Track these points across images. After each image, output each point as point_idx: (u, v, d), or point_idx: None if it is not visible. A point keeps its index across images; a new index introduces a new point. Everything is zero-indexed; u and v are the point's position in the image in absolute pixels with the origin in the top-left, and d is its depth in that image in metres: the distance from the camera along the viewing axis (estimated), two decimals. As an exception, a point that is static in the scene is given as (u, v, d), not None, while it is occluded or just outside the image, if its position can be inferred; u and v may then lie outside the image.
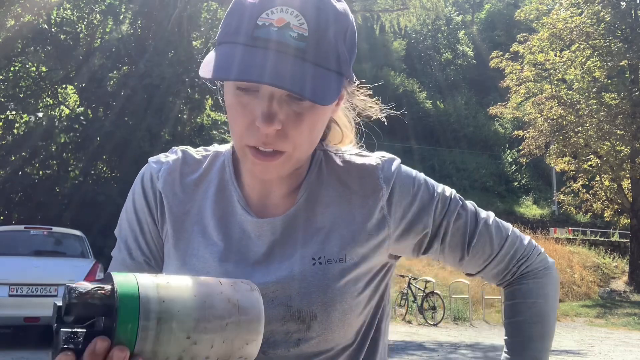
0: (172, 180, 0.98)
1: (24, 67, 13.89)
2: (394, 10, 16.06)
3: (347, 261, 0.91)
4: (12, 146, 13.35)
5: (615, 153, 20.03)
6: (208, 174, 0.98)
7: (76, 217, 12.19)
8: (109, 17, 14.35)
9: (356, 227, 0.93)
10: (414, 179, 0.98)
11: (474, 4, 52.37)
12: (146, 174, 1.00)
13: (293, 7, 0.81)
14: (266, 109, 0.81)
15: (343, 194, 0.95)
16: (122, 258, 0.99)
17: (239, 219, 0.94)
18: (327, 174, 0.96)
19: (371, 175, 0.95)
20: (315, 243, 0.91)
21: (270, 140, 0.83)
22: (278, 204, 0.94)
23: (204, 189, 0.97)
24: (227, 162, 0.98)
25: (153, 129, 12.61)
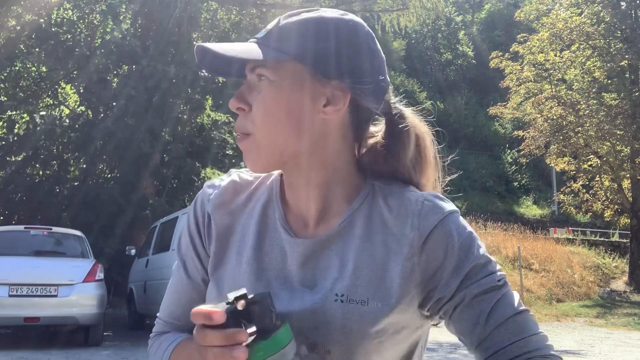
0: (221, 202, 1.00)
1: (25, 67, 13.90)
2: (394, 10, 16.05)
3: (369, 305, 0.88)
4: (12, 146, 13.36)
5: (615, 153, 20.03)
6: (256, 192, 1.01)
7: (76, 217, 12.20)
8: (109, 17, 14.35)
9: (385, 273, 0.89)
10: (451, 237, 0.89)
11: (474, 4, 52.37)
12: (199, 199, 1.03)
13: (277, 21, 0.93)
14: (239, 90, 0.92)
15: (380, 234, 0.92)
16: (179, 276, 1.03)
17: (277, 237, 0.95)
18: (371, 209, 0.94)
19: (408, 219, 0.91)
20: (342, 278, 0.90)
21: (239, 122, 0.91)
22: (317, 226, 0.95)
23: (250, 208, 0.99)
24: (275, 180, 1.00)
25: (154, 129, 12.61)
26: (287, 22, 0.91)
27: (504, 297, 0.90)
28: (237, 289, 0.83)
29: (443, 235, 0.89)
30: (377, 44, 0.98)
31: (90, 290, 7.94)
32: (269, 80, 0.89)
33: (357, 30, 0.93)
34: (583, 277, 19.19)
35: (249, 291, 0.82)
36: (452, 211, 0.91)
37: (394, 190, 0.95)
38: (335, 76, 0.89)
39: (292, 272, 0.93)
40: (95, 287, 8.04)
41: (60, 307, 7.70)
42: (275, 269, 0.94)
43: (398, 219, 0.92)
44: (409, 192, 0.94)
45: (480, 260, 0.90)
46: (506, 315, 0.89)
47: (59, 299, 7.71)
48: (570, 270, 19.19)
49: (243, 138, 0.91)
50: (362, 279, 0.89)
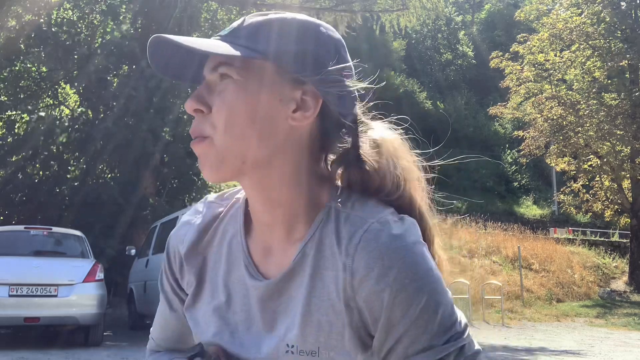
0: (193, 244, 0.96)
1: (25, 67, 13.90)
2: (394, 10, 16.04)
3: (320, 356, 0.82)
4: (12, 146, 13.36)
5: (615, 153, 20.02)
6: (222, 224, 0.96)
7: (76, 217, 12.19)
8: (109, 17, 14.35)
9: (336, 317, 0.81)
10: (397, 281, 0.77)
11: (474, 4, 52.37)
12: (172, 238, 1.01)
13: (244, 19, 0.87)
14: (194, 92, 0.85)
15: (331, 269, 0.82)
16: (162, 309, 1.04)
17: (241, 276, 0.90)
18: (321, 239, 0.84)
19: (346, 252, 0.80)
20: (293, 326, 0.83)
21: (196, 124, 0.84)
22: (277, 258, 0.88)
23: (217, 243, 0.95)
24: (239, 211, 0.94)
25: (154, 129, 12.61)
26: (256, 21, 0.84)
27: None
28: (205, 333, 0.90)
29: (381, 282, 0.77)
30: (347, 52, 0.90)
31: (90, 290, 7.94)
32: (233, 80, 0.82)
33: (330, 36, 0.87)
34: (583, 277, 19.19)
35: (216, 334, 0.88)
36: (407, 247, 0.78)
37: (353, 213, 0.83)
38: (308, 80, 0.82)
39: (255, 314, 0.88)
40: (95, 287, 8.04)
41: (60, 307, 7.70)
42: (241, 311, 0.90)
43: (342, 249, 0.81)
44: (358, 215, 0.82)
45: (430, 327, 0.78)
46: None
47: (59, 299, 7.71)
48: (570, 270, 19.19)
49: (200, 141, 0.83)
50: (312, 325, 0.82)
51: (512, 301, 15.67)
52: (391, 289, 0.76)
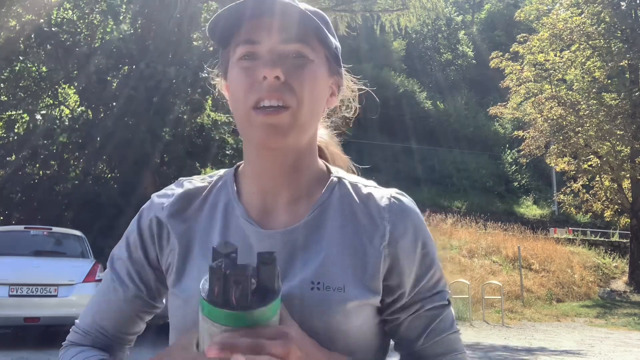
0: (176, 210, 0.99)
1: (25, 67, 13.89)
2: (394, 10, 16.04)
3: (346, 291, 0.89)
4: (12, 146, 13.35)
5: (615, 153, 20.03)
6: (210, 195, 1.00)
7: (76, 217, 12.18)
8: (109, 17, 14.34)
9: (359, 261, 0.92)
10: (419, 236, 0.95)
11: (474, 4, 52.38)
12: (144, 210, 1.03)
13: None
14: (269, 58, 0.88)
15: (351, 225, 0.94)
16: (112, 287, 1.02)
17: (242, 233, 0.94)
18: (339, 201, 0.96)
19: (380, 212, 0.94)
20: (318, 266, 0.90)
21: (274, 88, 0.87)
22: (282, 217, 0.95)
23: (208, 211, 0.98)
24: (229, 180, 1.00)
25: (154, 130, 12.61)
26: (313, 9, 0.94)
27: (447, 315, 0.97)
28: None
29: (415, 242, 0.94)
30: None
31: (90, 290, 7.93)
32: (309, 60, 0.90)
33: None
34: (583, 277, 19.19)
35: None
36: (420, 215, 0.97)
37: (359, 184, 0.99)
38: (339, 73, 0.98)
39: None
40: (95, 287, 8.01)
41: (60, 307, 7.69)
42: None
43: (368, 211, 0.95)
44: (374, 187, 0.99)
45: (437, 274, 0.96)
46: (443, 333, 0.96)
47: (59, 299, 7.70)
48: (570, 270, 19.19)
49: (281, 111, 0.87)
50: (337, 266, 0.90)
51: (512, 301, 15.67)
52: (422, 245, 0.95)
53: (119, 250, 1.03)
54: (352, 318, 0.89)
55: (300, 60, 0.89)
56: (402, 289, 0.94)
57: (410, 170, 34.94)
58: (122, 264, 1.01)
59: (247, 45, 0.90)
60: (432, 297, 0.95)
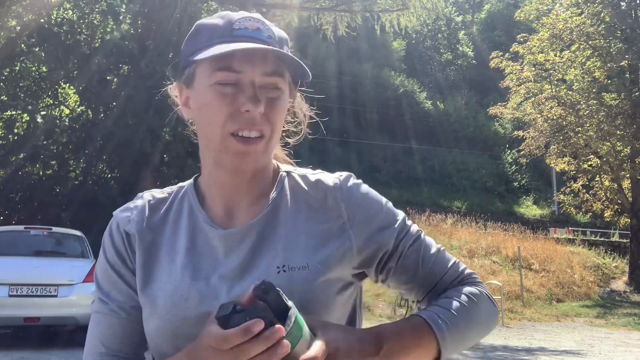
0: (142, 220, 1.03)
1: (25, 67, 13.89)
2: (394, 10, 16.03)
3: (310, 269, 0.96)
4: (12, 146, 13.36)
5: (615, 153, 20.02)
6: (173, 205, 1.05)
7: (76, 217, 12.19)
8: (109, 17, 14.35)
9: (318, 240, 0.98)
10: (374, 200, 1.05)
11: (474, 4, 52.38)
12: (113, 225, 1.06)
13: (258, 19, 0.98)
14: (252, 93, 0.93)
15: (305, 210, 1.01)
16: (107, 311, 1.01)
17: (205, 237, 1.00)
18: (291, 192, 1.03)
19: (331, 194, 1.02)
20: (280, 252, 0.97)
21: (256, 122, 0.93)
22: (243, 218, 1.01)
23: (171, 220, 1.04)
24: (190, 190, 1.06)
25: (154, 129, 12.61)
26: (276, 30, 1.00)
27: (426, 242, 1.07)
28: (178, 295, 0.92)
29: (369, 203, 1.04)
30: None
31: (90, 290, 7.89)
32: (281, 91, 0.97)
33: None
34: (583, 277, 19.19)
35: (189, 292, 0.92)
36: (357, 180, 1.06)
37: (307, 174, 1.07)
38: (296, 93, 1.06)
39: (229, 262, 0.97)
40: (95, 287, 8.02)
41: (60, 307, 7.69)
42: (211, 265, 0.97)
43: (319, 197, 1.02)
44: (320, 174, 1.07)
45: (400, 216, 1.06)
46: (432, 256, 1.06)
47: (59, 299, 7.70)
48: (570, 270, 19.19)
49: (257, 141, 0.94)
50: (298, 249, 0.97)
51: (512, 301, 15.67)
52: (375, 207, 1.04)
53: (103, 272, 1.04)
54: (320, 293, 0.95)
55: (275, 92, 0.96)
56: (383, 247, 1.02)
57: (410, 170, 34.93)
58: (112, 284, 1.02)
59: (229, 72, 0.93)
60: (407, 236, 1.04)
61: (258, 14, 1.00)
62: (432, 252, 1.06)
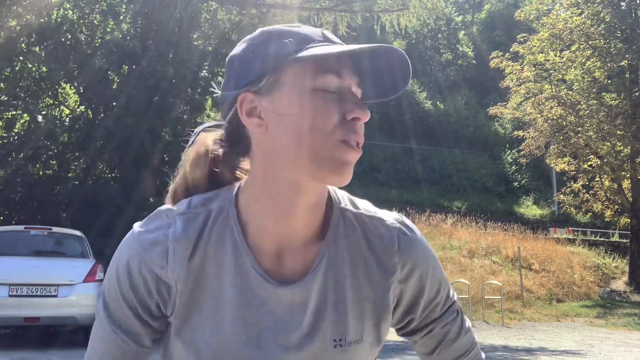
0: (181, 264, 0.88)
1: (25, 67, 13.89)
2: (394, 10, 16.02)
3: (364, 341, 0.93)
4: (12, 146, 13.35)
5: (615, 153, 20.02)
6: (211, 234, 0.90)
7: (76, 217, 12.18)
8: (109, 17, 14.34)
9: (373, 305, 0.94)
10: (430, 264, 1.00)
11: (474, 4, 52.37)
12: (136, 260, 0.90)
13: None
14: (359, 100, 0.88)
15: (361, 266, 0.93)
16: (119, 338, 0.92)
17: (255, 287, 0.89)
18: (346, 241, 0.93)
19: (390, 248, 0.95)
20: (335, 321, 0.90)
21: (361, 130, 0.88)
22: (294, 265, 0.91)
23: (213, 255, 0.90)
24: (233, 219, 0.90)
25: (154, 129, 12.61)
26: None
27: (457, 323, 1.05)
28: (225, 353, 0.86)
29: (424, 272, 0.98)
30: None
31: (90, 290, 7.93)
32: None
33: None
34: (583, 277, 19.19)
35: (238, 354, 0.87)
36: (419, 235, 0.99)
37: (362, 215, 0.96)
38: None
39: (283, 327, 0.89)
40: (95, 287, 8.02)
41: (60, 307, 7.69)
42: (263, 325, 0.89)
43: (376, 252, 0.94)
44: (378, 218, 0.97)
45: (443, 293, 1.02)
46: (462, 336, 1.05)
47: (59, 299, 7.70)
48: (570, 270, 19.19)
49: (360, 150, 0.88)
50: (354, 317, 0.91)
51: (512, 301, 15.66)
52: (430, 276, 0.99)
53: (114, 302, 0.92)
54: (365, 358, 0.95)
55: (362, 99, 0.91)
56: (411, 315, 1.00)
57: (410, 170, 34.92)
58: (122, 316, 0.91)
59: (335, 77, 0.86)
60: (443, 316, 1.03)
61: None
62: (463, 331, 1.06)
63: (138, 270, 0.89)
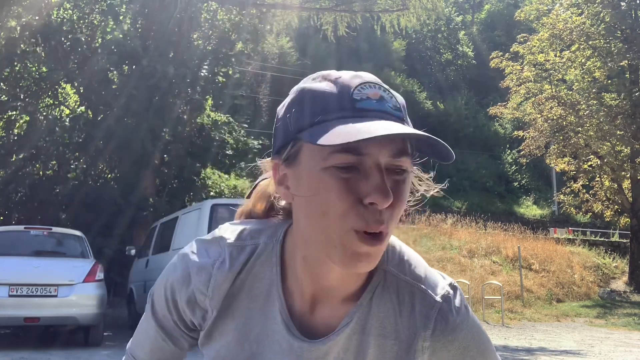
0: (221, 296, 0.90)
1: (25, 67, 13.89)
2: (394, 10, 16.03)
3: None
4: (12, 146, 13.36)
5: (615, 153, 20.02)
6: (254, 267, 0.90)
7: (76, 217, 12.19)
8: (109, 17, 14.35)
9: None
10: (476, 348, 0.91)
11: (474, 4, 52.38)
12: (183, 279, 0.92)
13: (378, 84, 0.80)
14: (379, 181, 0.74)
15: (390, 336, 0.88)
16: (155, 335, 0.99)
17: (277, 330, 0.88)
18: (381, 305, 0.88)
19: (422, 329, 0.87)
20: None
21: (382, 218, 0.75)
22: (323, 320, 0.88)
23: (249, 286, 0.90)
24: (275, 260, 0.89)
25: (154, 129, 12.61)
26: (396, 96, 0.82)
27: None
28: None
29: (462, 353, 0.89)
30: None
31: (90, 290, 7.94)
32: (406, 172, 0.79)
33: None
34: (583, 277, 19.19)
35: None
36: (473, 329, 0.90)
37: (406, 282, 0.89)
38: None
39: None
40: (95, 287, 8.03)
41: (60, 307, 7.69)
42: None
43: (407, 326, 0.88)
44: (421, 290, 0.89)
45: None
46: None
47: (59, 299, 7.70)
48: (570, 270, 19.19)
49: (381, 237, 0.76)
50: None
51: (512, 301, 15.66)
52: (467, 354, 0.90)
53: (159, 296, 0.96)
54: None
55: (402, 176, 0.78)
56: None
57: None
58: (163, 313, 0.97)
59: (352, 155, 0.74)
60: None
61: (372, 76, 0.82)
62: None
63: (182, 292, 0.92)
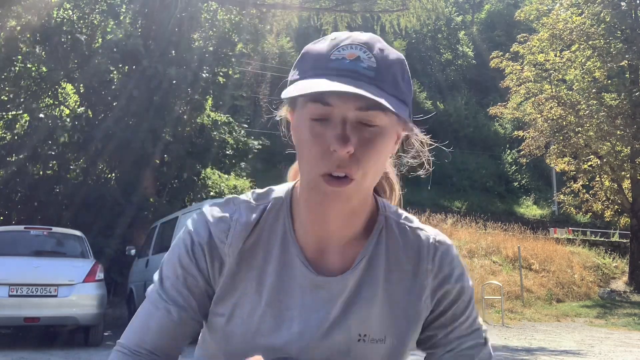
0: (239, 243, 0.97)
1: (25, 67, 13.89)
2: (394, 10, 16.03)
3: (386, 342, 0.96)
4: (12, 146, 13.35)
5: (615, 153, 20.02)
6: (266, 224, 0.99)
7: (76, 217, 12.18)
8: (109, 17, 14.34)
9: (403, 312, 0.98)
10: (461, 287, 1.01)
11: (474, 4, 52.37)
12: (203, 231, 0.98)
13: (361, 44, 0.88)
14: (340, 132, 0.85)
15: (396, 274, 0.98)
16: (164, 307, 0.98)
17: (296, 275, 0.96)
18: (386, 245, 0.99)
19: (425, 257, 0.99)
20: (362, 317, 0.95)
21: (343, 163, 0.85)
22: (335, 259, 0.97)
23: (264, 241, 0.98)
24: (286, 212, 0.99)
25: (154, 130, 12.60)
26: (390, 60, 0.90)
27: (484, 354, 1.04)
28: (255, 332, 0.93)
29: (457, 288, 1.00)
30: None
31: (90, 290, 7.94)
32: (377, 127, 0.87)
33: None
34: (583, 277, 19.19)
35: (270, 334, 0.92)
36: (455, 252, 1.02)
37: (405, 224, 1.02)
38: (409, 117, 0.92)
39: (315, 310, 0.95)
40: (95, 287, 8.03)
41: (60, 307, 7.69)
42: (296, 308, 0.95)
43: (413, 259, 0.99)
44: (418, 229, 1.02)
45: (473, 314, 1.03)
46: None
47: (59, 299, 7.70)
48: (570, 270, 19.19)
49: (346, 182, 0.86)
50: (380, 317, 0.96)
51: (512, 301, 15.67)
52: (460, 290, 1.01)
53: (169, 268, 0.99)
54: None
55: (372, 130, 0.87)
56: (438, 327, 1.01)
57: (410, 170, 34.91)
58: (174, 282, 0.98)
59: (319, 105, 0.86)
60: (469, 336, 1.02)
61: (370, 35, 0.91)
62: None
63: (202, 237, 0.98)
